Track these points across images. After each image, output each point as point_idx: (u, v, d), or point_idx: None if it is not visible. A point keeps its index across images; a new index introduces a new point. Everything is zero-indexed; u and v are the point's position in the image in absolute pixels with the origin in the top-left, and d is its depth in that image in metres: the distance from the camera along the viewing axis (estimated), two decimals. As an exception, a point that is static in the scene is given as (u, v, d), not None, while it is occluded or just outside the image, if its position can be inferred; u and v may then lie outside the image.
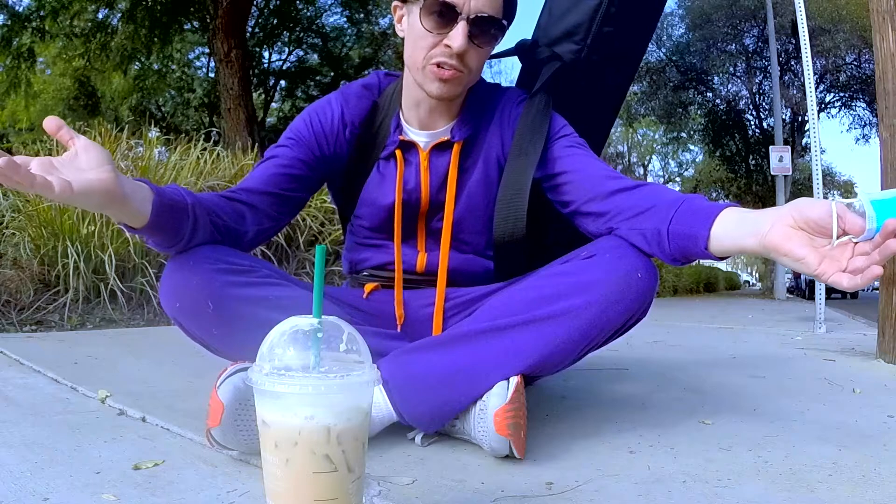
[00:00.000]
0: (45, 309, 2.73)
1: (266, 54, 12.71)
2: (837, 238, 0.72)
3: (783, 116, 11.83)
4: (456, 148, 1.08)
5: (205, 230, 0.92)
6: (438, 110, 1.08)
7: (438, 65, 0.99)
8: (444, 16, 0.97)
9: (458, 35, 0.97)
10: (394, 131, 1.10)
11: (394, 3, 1.06)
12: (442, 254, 1.09)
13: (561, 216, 1.10)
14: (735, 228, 0.84)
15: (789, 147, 8.73)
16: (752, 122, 15.15)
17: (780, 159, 7.45)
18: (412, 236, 1.12)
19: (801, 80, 11.88)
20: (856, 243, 0.73)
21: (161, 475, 0.80)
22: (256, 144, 5.67)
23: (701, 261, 0.96)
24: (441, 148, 1.09)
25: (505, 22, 1.03)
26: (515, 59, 1.29)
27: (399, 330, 1.10)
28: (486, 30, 0.99)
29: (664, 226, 0.91)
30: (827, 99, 14.12)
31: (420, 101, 1.07)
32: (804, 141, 13.78)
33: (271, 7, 11.12)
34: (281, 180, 1.05)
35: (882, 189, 2.06)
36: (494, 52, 1.35)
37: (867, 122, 14.08)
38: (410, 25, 1.02)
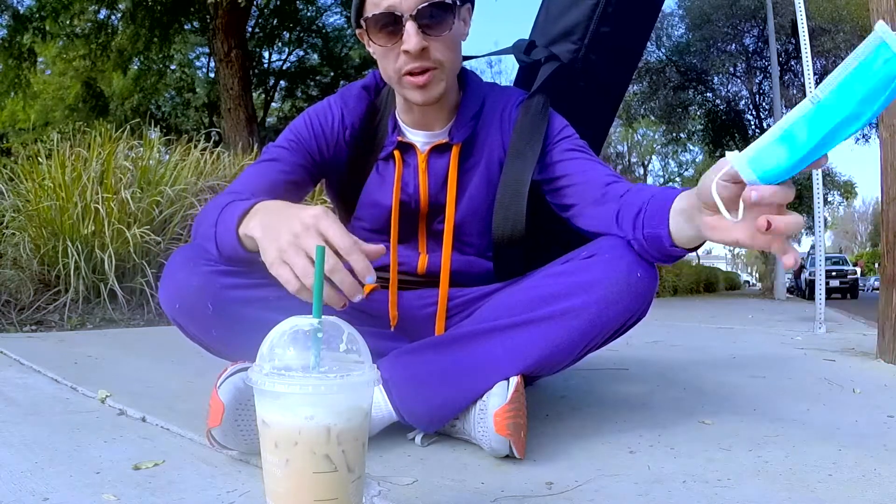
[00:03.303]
0: (45, 309, 2.73)
1: (266, 54, 12.71)
2: (728, 211, 0.68)
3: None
4: (455, 150, 1.07)
5: None
6: (432, 111, 1.07)
7: (410, 73, 0.97)
8: (389, 25, 0.95)
9: (409, 37, 0.93)
10: (392, 132, 1.09)
11: (357, 32, 1.04)
12: (444, 257, 1.09)
13: (560, 217, 1.10)
14: (681, 221, 0.82)
15: (789, 147, 8.70)
16: (752, 122, 15.11)
17: (780, 159, 7.43)
18: (412, 238, 1.12)
19: (801, 80, 11.86)
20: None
21: (161, 475, 0.80)
22: (256, 144, 5.67)
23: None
24: (440, 150, 1.08)
25: (451, 1, 0.96)
26: (515, 58, 1.29)
27: (392, 331, 1.10)
28: (435, 17, 0.95)
29: (640, 233, 0.90)
30: (827, 99, 14.08)
31: (411, 105, 1.06)
32: (804, 141, 13.74)
33: (271, 7, 11.12)
34: (283, 188, 1.04)
35: (881, 192, 2.07)
36: (492, 51, 1.36)
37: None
38: (372, 47, 1.00)
